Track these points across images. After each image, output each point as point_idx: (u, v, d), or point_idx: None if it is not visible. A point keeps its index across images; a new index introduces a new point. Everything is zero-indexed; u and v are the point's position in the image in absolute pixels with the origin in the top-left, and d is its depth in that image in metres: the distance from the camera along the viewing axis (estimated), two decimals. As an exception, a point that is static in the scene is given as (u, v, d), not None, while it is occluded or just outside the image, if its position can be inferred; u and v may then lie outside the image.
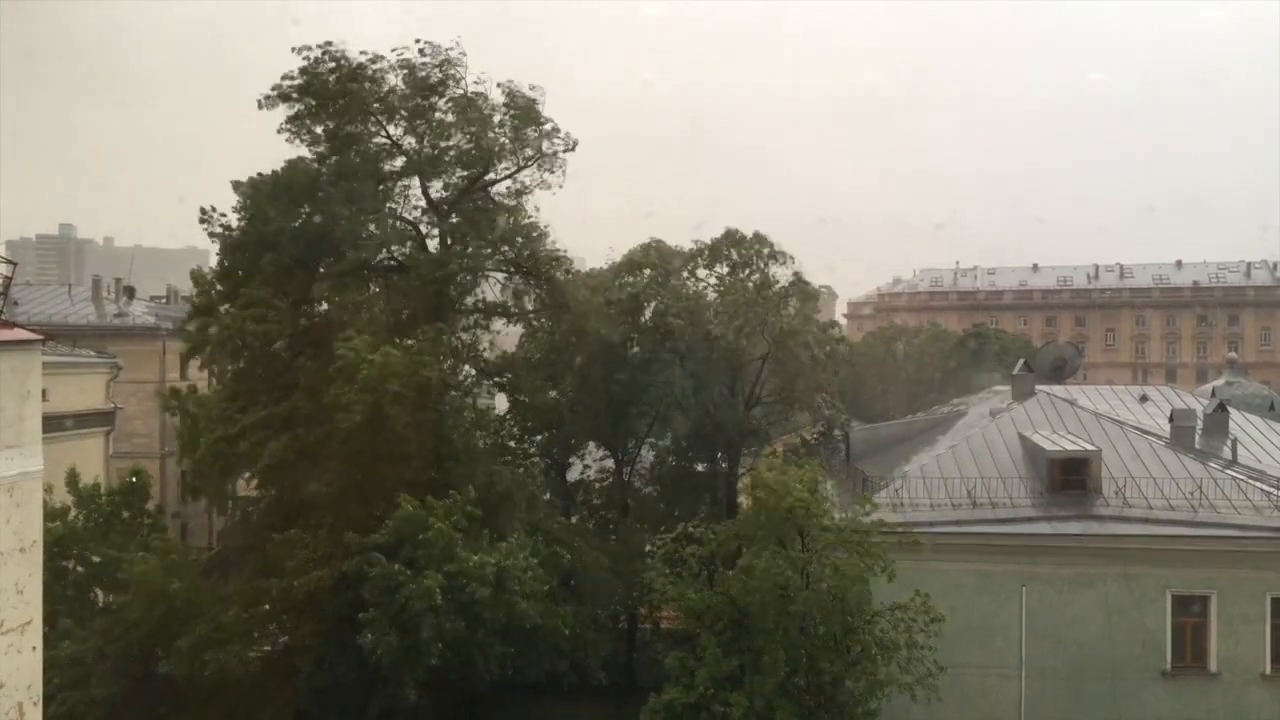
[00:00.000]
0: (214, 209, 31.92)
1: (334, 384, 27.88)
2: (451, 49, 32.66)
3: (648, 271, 41.32)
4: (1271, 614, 27.10)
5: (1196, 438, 32.87)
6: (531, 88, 33.53)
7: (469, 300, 35.46)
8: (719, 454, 41.14)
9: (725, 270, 42.32)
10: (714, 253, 42.45)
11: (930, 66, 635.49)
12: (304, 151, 32.49)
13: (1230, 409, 35.63)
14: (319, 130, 32.42)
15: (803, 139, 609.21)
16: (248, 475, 32.06)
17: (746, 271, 42.20)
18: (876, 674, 22.87)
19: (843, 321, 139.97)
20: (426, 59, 32.59)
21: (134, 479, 32.71)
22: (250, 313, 29.70)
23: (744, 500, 25.56)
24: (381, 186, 33.17)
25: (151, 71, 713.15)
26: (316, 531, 28.35)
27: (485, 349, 36.70)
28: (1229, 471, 29.88)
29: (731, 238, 42.48)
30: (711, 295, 41.87)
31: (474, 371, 35.12)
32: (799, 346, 39.93)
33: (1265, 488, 28.74)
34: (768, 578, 22.82)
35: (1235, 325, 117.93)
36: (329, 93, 31.75)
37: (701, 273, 42.57)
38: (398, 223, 33.93)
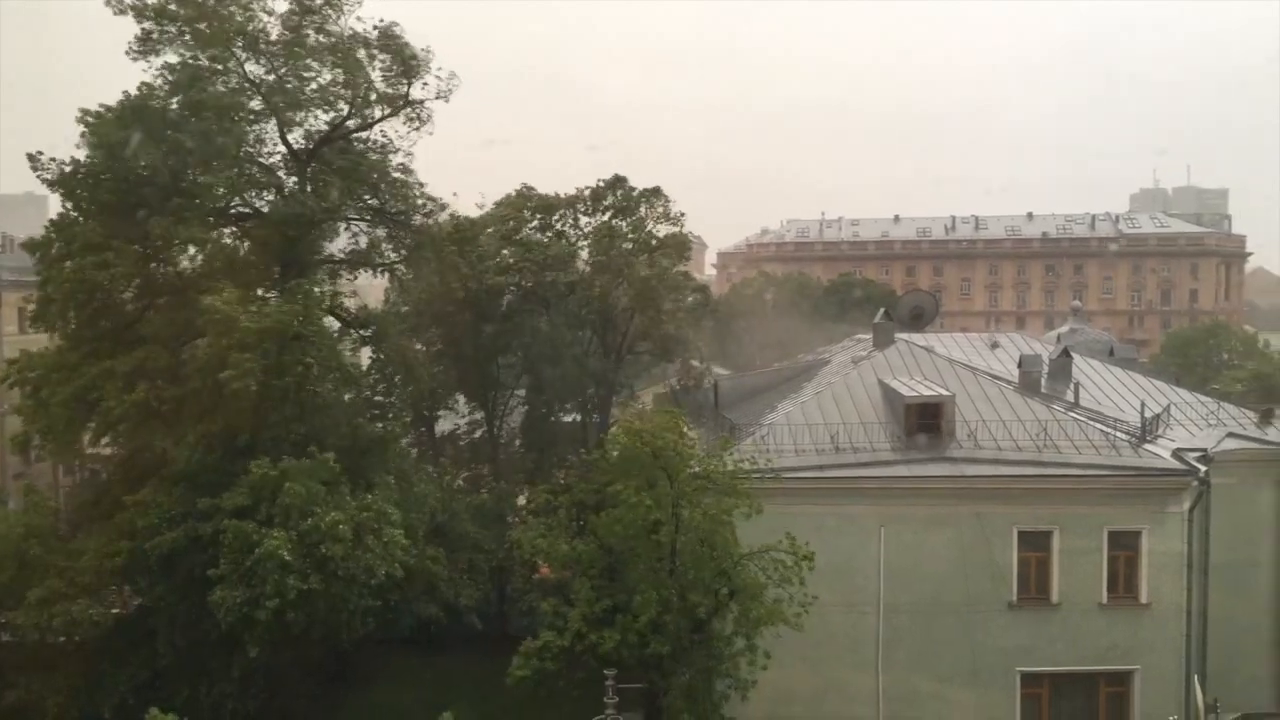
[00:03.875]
0: (41, 154, 29.42)
1: (202, 339, 26.64)
2: None
3: (531, 214, 40.46)
4: (1108, 547, 28.88)
5: (1042, 382, 34.51)
6: (422, 52, 32.10)
7: (329, 249, 34.24)
8: (589, 405, 41.08)
9: (605, 218, 41.34)
10: (595, 199, 41.28)
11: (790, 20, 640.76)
12: (155, 81, 30.35)
13: (1074, 354, 37.42)
14: (172, 57, 30.18)
15: (674, 95, 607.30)
16: (96, 432, 30.38)
17: (624, 220, 41.23)
18: (747, 613, 23.57)
19: (712, 272, 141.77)
20: None
21: None
22: (91, 259, 27.86)
23: (614, 451, 25.66)
24: (238, 126, 31.32)
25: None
26: (171, 491, 27.40)
27: (348, 299, 35.57)
28: (1071, 414, 31.49)
29: (617, 185, 41.17)
30: (585, 245, 41.21)
31: (336, 324, 34.02)
32: (662, 295, 39.76)
33: (1103, 428, 30.44)
34: (636, 516, 23.19)
35: (1080, 274, 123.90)
36: (186, 9, 29.55)
37: (583, 220, 41.56)
38: (254, 167, 32.25)
